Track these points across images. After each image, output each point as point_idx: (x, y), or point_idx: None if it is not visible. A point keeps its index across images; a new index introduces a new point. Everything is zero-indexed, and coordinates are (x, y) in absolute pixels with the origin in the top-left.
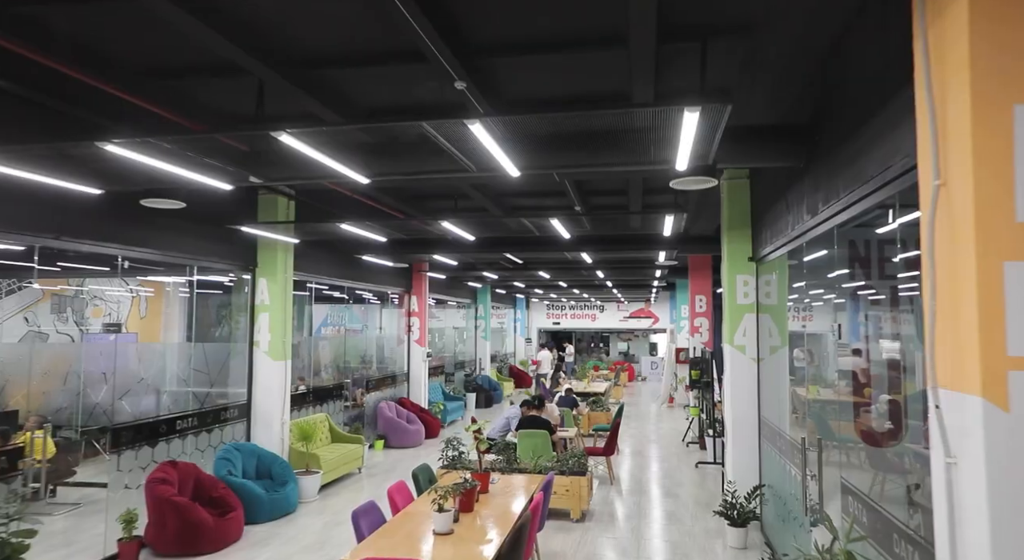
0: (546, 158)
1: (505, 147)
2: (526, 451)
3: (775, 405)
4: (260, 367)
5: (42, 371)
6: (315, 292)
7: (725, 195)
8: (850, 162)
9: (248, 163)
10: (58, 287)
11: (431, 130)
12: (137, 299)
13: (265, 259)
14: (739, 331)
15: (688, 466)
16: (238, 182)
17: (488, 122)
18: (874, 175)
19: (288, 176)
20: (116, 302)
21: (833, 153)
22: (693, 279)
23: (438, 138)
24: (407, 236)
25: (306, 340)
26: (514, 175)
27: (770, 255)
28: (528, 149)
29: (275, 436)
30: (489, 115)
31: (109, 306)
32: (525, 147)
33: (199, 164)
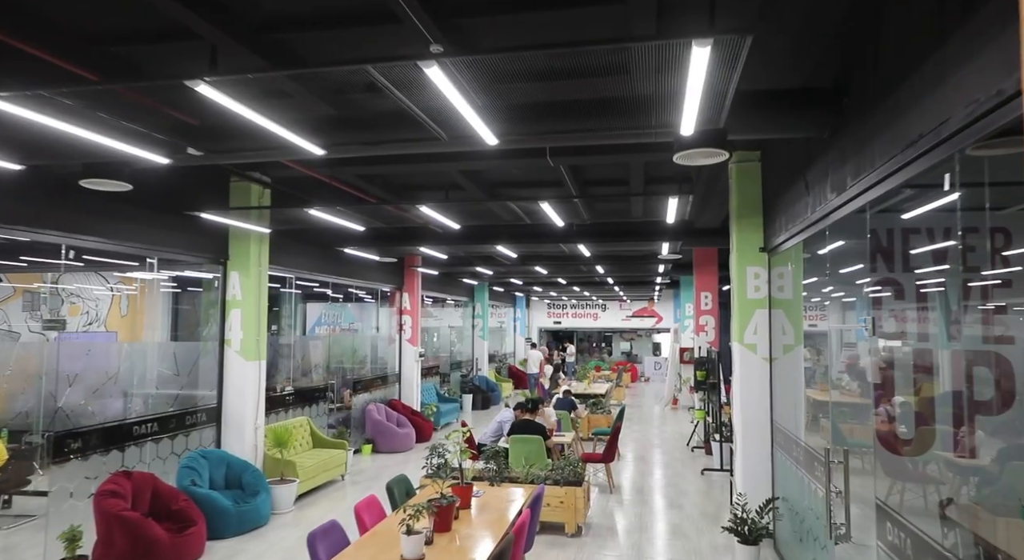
0: (528, 124)
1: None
2: (518, 458)
3: (789, 409)
4: (231, 367)
5: (7, 372)
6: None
7: (734, 180)
8: (886, 125)
9: (191, 135)
10: (35, 284)
11: (379, 76)
12: (117, 297)
13: (237, 251)
14: (749, 328)
15: (693, 473)
16: (176, 155)
17: (449, 66)
18: (925, 132)
19: (233, 148)
20: (95, 300)
21: (865, 117)
22: (698, 275)
23: (392, 90)
24: (386, 225)
25: (299, 339)
26: (491, 143)
27: (784, 244)
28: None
29: (247, 442)
30: (449, 55)
31: (87, 304)
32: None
33: (121, 131)
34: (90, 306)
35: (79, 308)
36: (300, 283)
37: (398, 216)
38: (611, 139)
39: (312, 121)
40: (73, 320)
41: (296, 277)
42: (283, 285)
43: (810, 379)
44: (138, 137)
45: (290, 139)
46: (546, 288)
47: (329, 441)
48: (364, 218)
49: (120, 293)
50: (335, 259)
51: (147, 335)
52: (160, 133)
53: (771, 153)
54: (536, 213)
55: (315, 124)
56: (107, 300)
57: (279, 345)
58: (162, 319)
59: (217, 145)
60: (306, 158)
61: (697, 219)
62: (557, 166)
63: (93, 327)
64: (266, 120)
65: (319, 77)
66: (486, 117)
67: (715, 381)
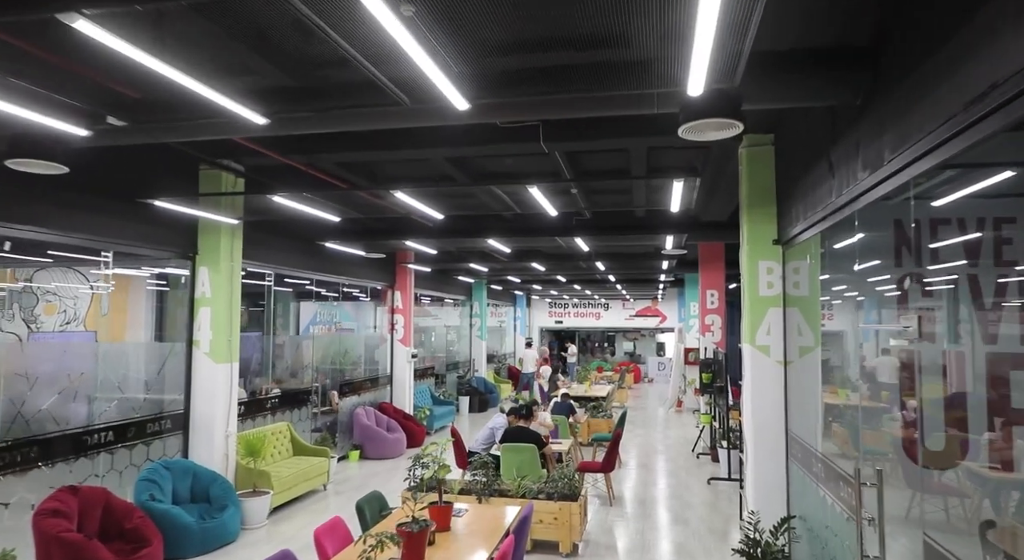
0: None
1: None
2: (510, 469)
3: (807, 418)
4: (200, 370)
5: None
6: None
7: (744, 166)
8: (942, 79)
9: (129, 110)
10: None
11: (305, 10)
12: (98, 295)
13: (207, 244)
14: (762, 328)
15: (699, 482)
16: (97, 127)
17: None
18: (1001, 81)
19: (163, 119)
20: (73, 298)
21: (911, 74)
22: (704, 272)
23: (326, 32)
24: (363, 214)
25: (291, 339)
26: (461, 108)
27: (801, 235)
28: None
29: (217, 451)
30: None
31: (65, 302)
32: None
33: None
34: (68, 304)
35: (55, 307)
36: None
37: (376, 205)
38: (608, 108)
39: (258, 91)
40: (49, 319)
41: (275, 273)
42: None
43: (835, 380)
44: (53, 106)
45: (226, 105)
46: (546, 287)
47: (311, 448)
48: (338, 207)
49: (100, 291)
50: (319, 255)
51: (130, 335)
52: (95, 107)
53: (786, 135)
54: (526, 201)
55: (260, 93)
56: (86, 298)
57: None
58: (146, 318)
59: (143, 116)
60: (250, 132)
61: (703, 212)
62: (552, 153)
63: (71, 327)
64: (194, 82)
65: (232, 12)
66: (454, 76)
67: (722, 384)
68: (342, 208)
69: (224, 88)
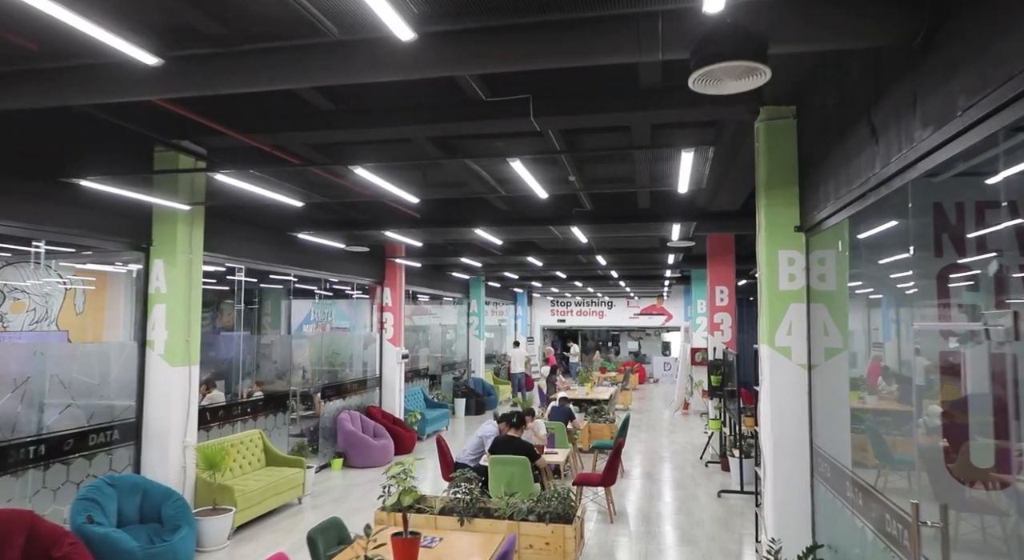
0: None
1: None
2: (499, 484)
3: (836, 431)
4: (154, 374)
5: None
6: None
7: (762, 142)
8: None
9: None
10: None
11: None
12: (72, 292)
13: (162, 234)
14: (782, 327)
15: (708, 495)
16: None
17: None
18: None
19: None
20: (43, 295)
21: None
22: (712, 267)
23: None
24: (329, 199)
25: (279, 339)
26: (405, 38)
27: (830, 219)
28: None
29: (172, 464)
30: None
31: (34, 300)
32: None
33: None
34: (37, 302)
35: (24, 305)
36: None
37: (339, 187)
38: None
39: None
40: (17, 318)
41: (250, 269)
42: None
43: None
44: None
45: (106, 41)
46: (546, 283)
47: (285, 458)
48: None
49: (75, 287)
50: (296, 248)
51: (108, 335)
52: None
53: (811, 104)
54: (511, 181)
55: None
56: (59, 295)
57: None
58: (126, 317)
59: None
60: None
61: (713, 201)
62: (545, 132)
63: (42, 326)
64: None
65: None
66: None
67: (734, 388)
68: (304, 191)
69: (110, 21)
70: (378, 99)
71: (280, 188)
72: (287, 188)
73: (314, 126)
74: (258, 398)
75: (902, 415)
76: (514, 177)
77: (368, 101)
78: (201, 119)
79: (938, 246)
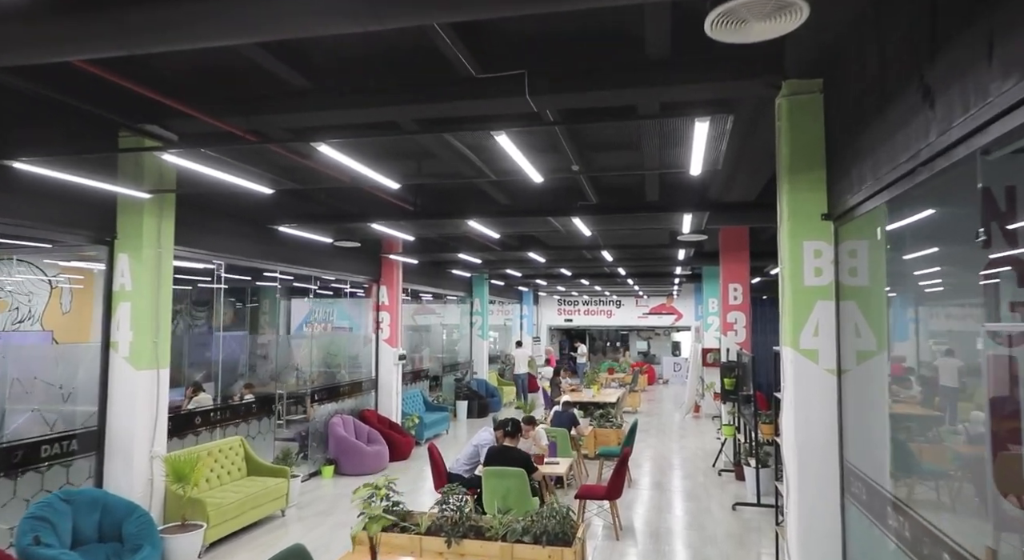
0: None
1: None
2: (493, 499)
3: (871, 446)
4: (118, 379)
5: None
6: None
7: (784, 120)
8: None
9: None
10: None
11: None
12: (58, 290)
13: (127, 227)
14: (807, 328)
15: (722, 507)
16: None
17: None
18: None
19: None
20: (27, 294)
21: None
22: (726, 263)
23: None
24: (300, 185)
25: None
26: None
27: (865, 204)
28: None
29: (138, 477)
30: None
31: (17, 299)
32: None
33: None
34: (21, 301)
35: (6, 303)
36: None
37: (312, 171)
38: None
39: None
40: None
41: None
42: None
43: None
44: None
45: None
46: (551, 282)
47: (268, 467)
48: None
49: (61, 286)
50: (282, 243)
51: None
52: None
53: (842, 75)
54: (498, 162)
55: None
56: (44, 294)
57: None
58: None
59: None
60: None
61: (726, 190)
62: (543, 111)
63: (25, 326)
64: None
65: None
66: None
67: (750, 393)
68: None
69: None
70: (359, 78)
71: (247, 173)
72: (254, 173)
73: (290, 107)
74: (248, 401)
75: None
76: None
77: (349, 80)
78: (167, 100)
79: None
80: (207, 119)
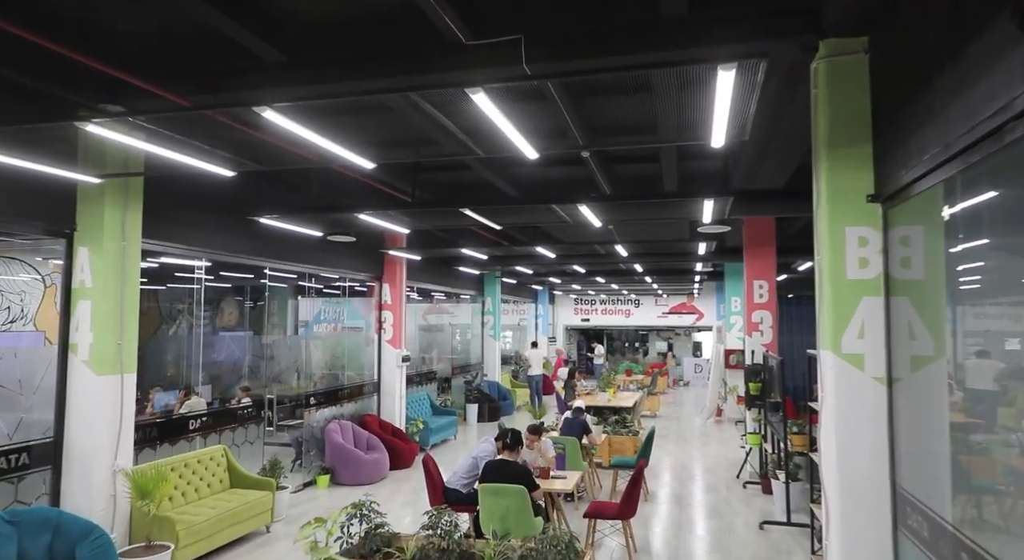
0: None
1: None
2: (491, 521)
3: (932, 471)
4: (77, 385)
5: None
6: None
7: (822, 87)
8: None
9: None
10: None
11: None
12: (52, 288)
13: (88, 217)
14: (851, 329)
15: (748, 525)
16: None
17: None
18: None
19: None
20: (19, 292)
21: None
22: (750, 258)
23: None
24: (265, 166)
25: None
26: None
27: (926, 178)
28: None
29: (98, 493)
30: None
31: (9, 298)
32: None
33: None
34: (12, 300)
35: None
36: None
37: (276, 149)
38: None
39: None
40: None
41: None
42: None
43: None
44: None
45: None
46: (566, 280)
47: (253, 478)
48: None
49: (56, 284)
50: (271, 238)
51: None
52: None
53: (895, 26)
54: (483, 134)
55: None
56: (38, 293)
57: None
58: None
59: None
60: None
61: (751, 179)
62: (543, 83)
63: (17, 326)
64: None
65: None
66: None
67: (779, 399)
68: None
69: None
70: (336, 48)
71: (204, 153)
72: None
73: (260, 82)
74: (243, 405)
75: None
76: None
77: (326, 53)
78: (125, 76)
79: None
80: (173, 97)
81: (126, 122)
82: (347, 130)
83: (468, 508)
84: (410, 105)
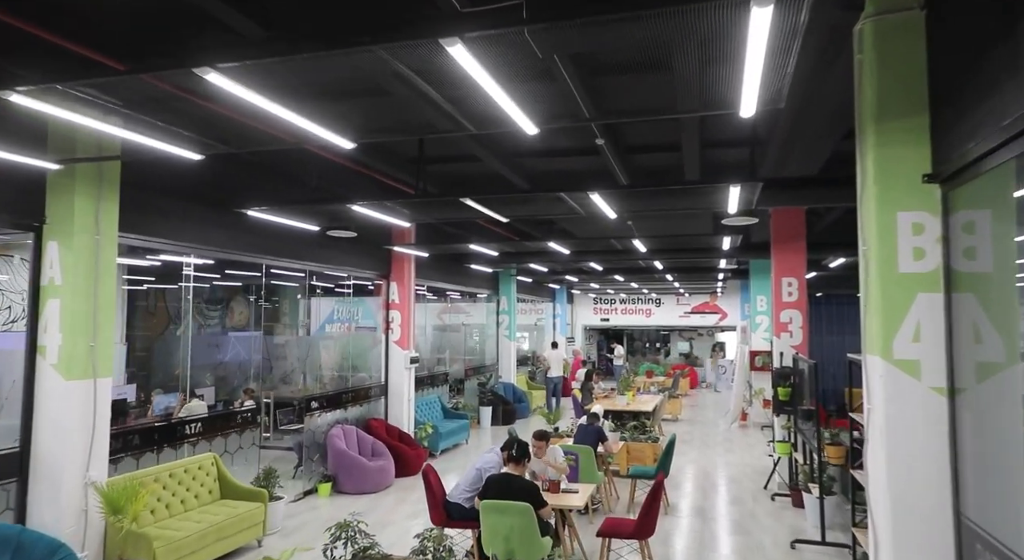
0: None
1: None
2: (493, 541)
3: (1007, 496)
4: (45, 390)
5: None
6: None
7: (868, 51)
8: None
9: None
10: None
11: None
12: None
13: (58, 209)
14: (904, 330)
15: (778, 544)
16: None
17: None
18: None
19: None
20: (20, 292)
21: None
22: (778, 253)
23: None
24: (232, 148)
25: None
26: None
27: (999, 152)
28: None
29: (68, 508)
30: None
31: (10, 298)
32: None
33: None
34: (13, 300)
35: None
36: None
37: (247, 128)
38: None
39: None
40: None
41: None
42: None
43: None
44: None
45: None
46: (583, 278)
47: (244, 489)
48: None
49: None
50: (266, 233)
51: None
52: None
53: None
54: (475, 110)
55: None
56: None
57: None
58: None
59: None
60: None
61: (781, 167)
62: (549, 56)
63: (19, 325)
64: None
65: None
66: None
67: (811, 407)
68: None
69: None
70: (323, 22)
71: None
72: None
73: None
74: (246, 409)
75: None
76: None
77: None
78: (97, 56)
79: None
80: (155, 81)
81: (77, 99)
82: (330, 116)
83: (472, 524)
84: (394, 76)
